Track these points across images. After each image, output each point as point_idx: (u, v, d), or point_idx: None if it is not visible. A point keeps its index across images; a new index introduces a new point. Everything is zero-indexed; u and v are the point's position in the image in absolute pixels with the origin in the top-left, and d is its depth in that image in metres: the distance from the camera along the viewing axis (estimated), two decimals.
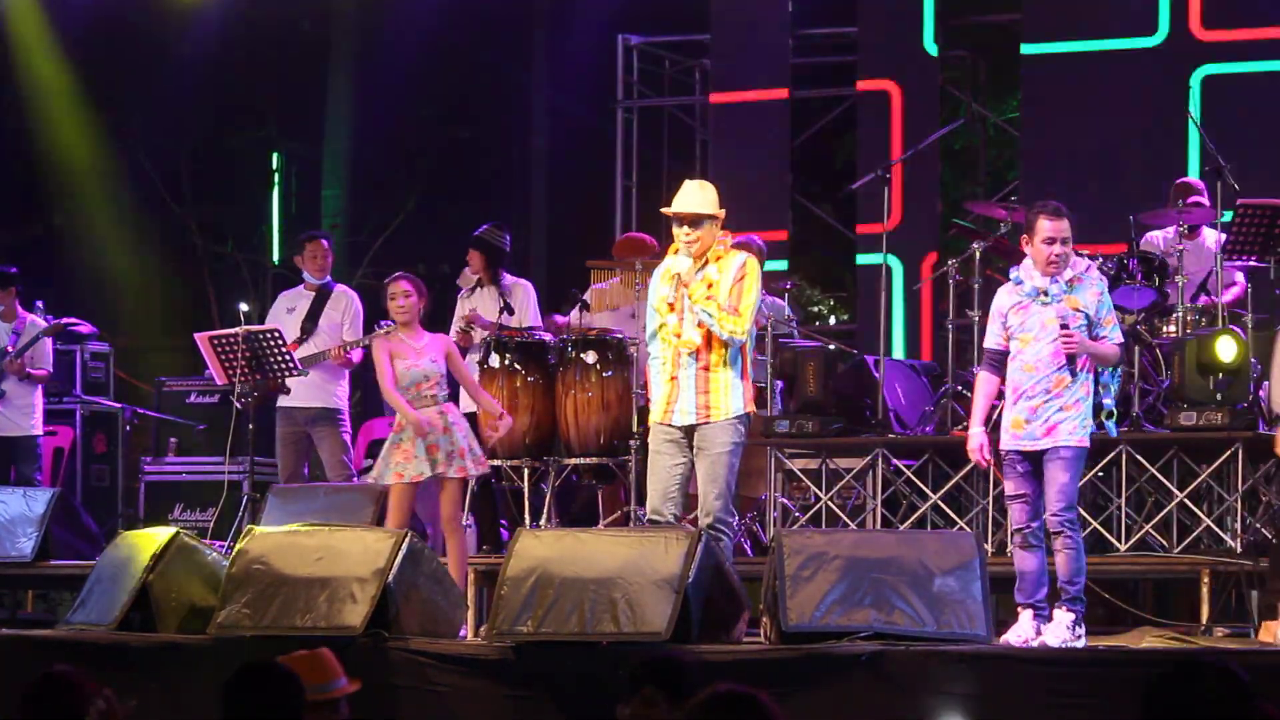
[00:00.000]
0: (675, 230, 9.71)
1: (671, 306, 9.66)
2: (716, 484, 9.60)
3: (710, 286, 9.61)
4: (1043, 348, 9.48)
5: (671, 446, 9.65)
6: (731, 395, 9.65)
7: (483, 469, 11.08)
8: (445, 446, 10.81)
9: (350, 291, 13.27)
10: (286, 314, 13.13)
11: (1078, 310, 9.49)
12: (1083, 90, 14.69)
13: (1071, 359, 9.42)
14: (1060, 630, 9.38)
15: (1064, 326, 9.42)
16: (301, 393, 12.78)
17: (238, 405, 12.57)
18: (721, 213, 9.76)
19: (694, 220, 9.65)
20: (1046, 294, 9.50)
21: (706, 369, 9.62)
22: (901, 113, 15.57)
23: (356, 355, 12.81)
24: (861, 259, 15.66)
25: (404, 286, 11.07)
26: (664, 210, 9.85)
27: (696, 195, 9.73)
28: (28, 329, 13.75)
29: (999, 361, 9.65)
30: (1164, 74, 14.37)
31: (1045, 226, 9.54)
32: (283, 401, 12.84)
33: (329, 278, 13.22)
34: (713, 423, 9.61)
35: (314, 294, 13.12)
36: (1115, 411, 9.83)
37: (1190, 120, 12.65)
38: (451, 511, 10.83)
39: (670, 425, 9.64)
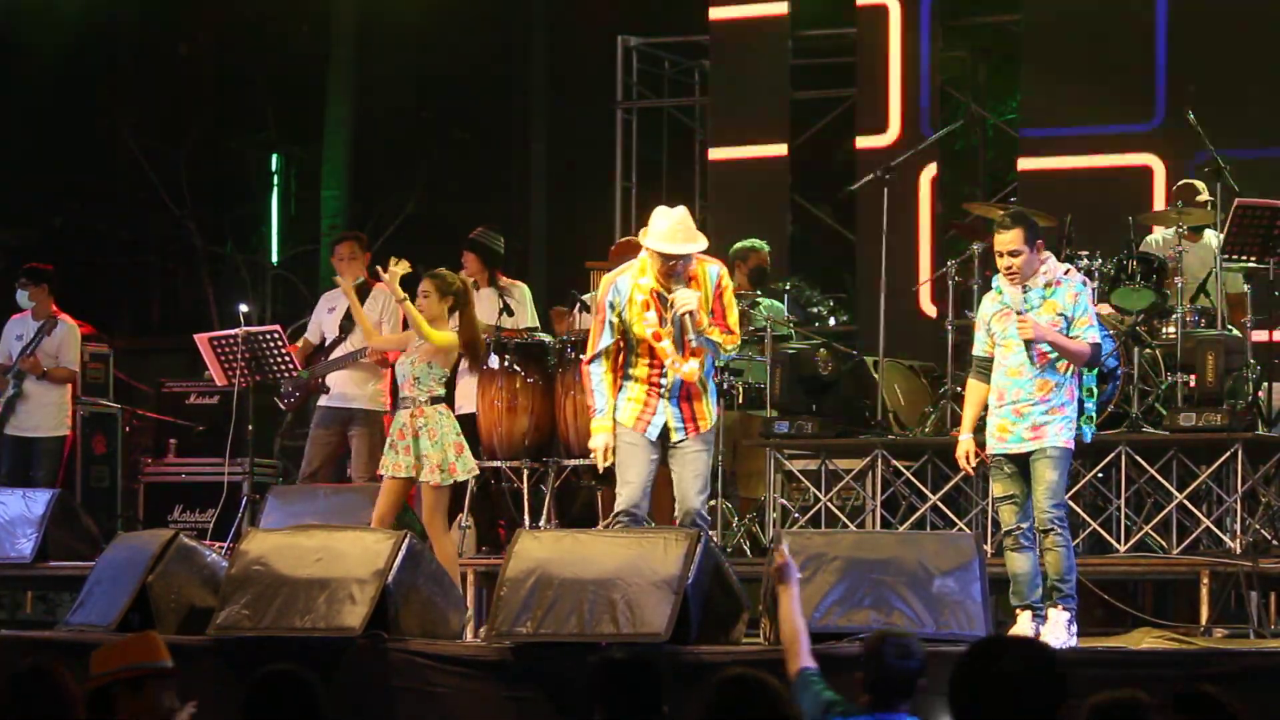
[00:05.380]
0: (659, 262, 9.53)
1: (658, 335, 9.59)
2: (703, 480, 9.66)
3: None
4: (1026, 353, 9.53)
5: (648, 445, 9.63)
6: (712, 402, 9.77)
7: (453, 477, 10.88)
8: (415, 450, 10.77)
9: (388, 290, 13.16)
10: (327, 314, 13.09)
11: (1059, 313, 9.53)
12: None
13: (1029, 345, 9.46)
14: (1059, 630, 9.38)
15: (1019, 312, 9.49)
16: (341, 393, 12.72)
17: (281, 406, 12.53)
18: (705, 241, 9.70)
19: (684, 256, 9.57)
20: (1026, 300, 9.54)
21: (693, 384, 9.62)
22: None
23: (392, 353, 12.74)
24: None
25: (422, 285, 11.06)
26: (650, 247, 9.54)
27: (683, 232, 9.54)
28: (58, 328, 13.72)
29: (986, 368, 9.69)
30: None
31: (995, 241, 9.69)
32: (324, 401, 12.80)
33: (365, 276, 13.13)
34: (702, 433, 9.67)
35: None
36: (1094, 416, 9.86)
37: (1190, 122, 12.62)
38: (428, 516, 10.80)
39: (647, 436, 9.63)
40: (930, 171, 15.55)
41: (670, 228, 9.53)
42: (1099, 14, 14.69)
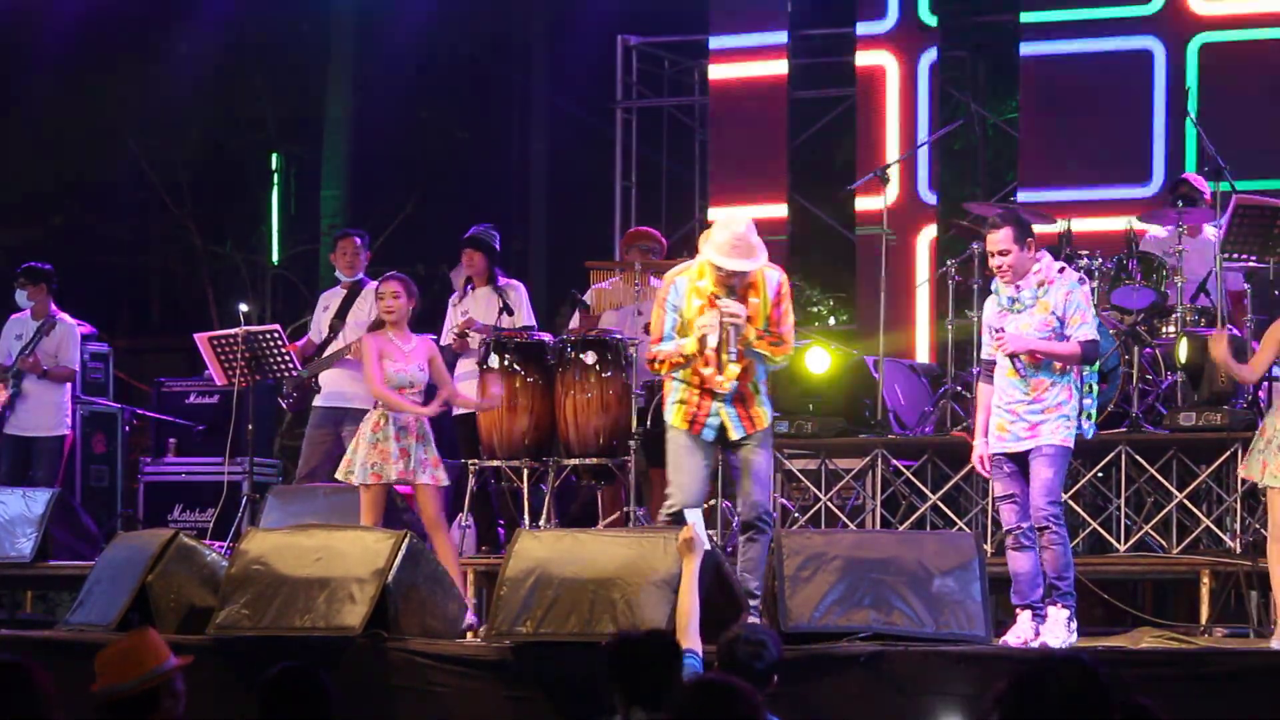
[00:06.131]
0: (718, 273, 9.35)
1: (703, 341, 9.45)
2: (768, 477, 9.61)
3: (751, 317, 9.46)
4: (1011, 365, 9.55)
5: (703, 448, 9.52)
6: (766, 403, 9.63)
7: (445, 482, 11.00)
8: (417, 454, 10.77)
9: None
10: (323, 312, 13.13)
11: (1051, 313, 9.54)
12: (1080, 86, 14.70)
13: (1014, 359, 9.49)
14: (1059, 629, 9.39)
15: (996, 330, 9.51)
16: (335, 392, 12.73)
17: (284, 405, 12.50)
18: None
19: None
20: (1018, 301, 9.56)
21: (745, 387, 9.53)
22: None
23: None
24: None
25: (392, 287, 11.02)
26: (708, 260, 9.33)
27: (743, 248, 9.31)
28: (57, 327, 13.71)
29: (994, 371, 9.70)
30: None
31: (987, 241, 9.72)
32: (318, 401, 12.82)
33: (362, 275, 13.15)
34: (759, 430, 9.57)
35: (347, 291, 13.10)
36: (1094, 414, 9.86)
37: (1190, 121, 12.63)
38: (434, 514, 10.79)
39: (702, 439, 9.54)
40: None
41: (729, 241, 9.32)
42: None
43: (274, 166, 22.72)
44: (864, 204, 15.33)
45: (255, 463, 12.76)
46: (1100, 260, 11.78)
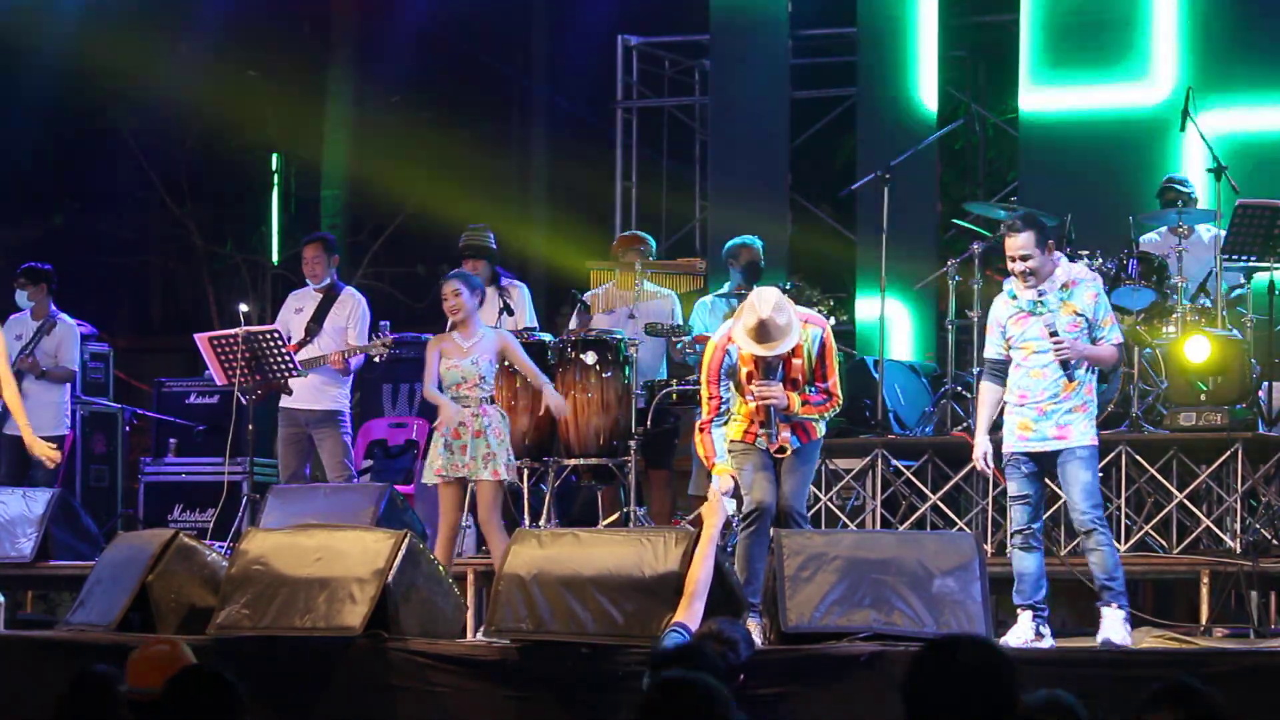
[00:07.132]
0: (753, 354, 9.43)
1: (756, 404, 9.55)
2: (806, 484, 9.76)
3: (798, 383, 9.53)
4: (1050, 354, 9.48)
5: (759, 451, 9.59)
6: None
7: (511, 475, 11.00)
8: (475, 450, 10.74)
9: (357, 294, 13.16)
10: (294, 314, 13.09)
11: (1077, 314, 9.48)
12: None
13: (1065, 364, 9.42)
14: (1116, 628, 9.31)
15: (1053, 334, 9.44)
16: (303, 394, 12.75)
17: (243, 400, 12.56)
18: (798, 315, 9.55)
19: None
20: (1043, 303, 9.49)
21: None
22: None
23: (355, 362, 12.76)
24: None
25: (453, 286, 10.97)
26: (748, 349, 9.38)
27: (773, 330, 9.34)
28: (57, 327, 13.71)
29: (1000, 371, 9.66)
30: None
31: (1006, 246, 9.61)
32: (285, 403, 12.81)
33: (330, 279, 13.12)
34: (812, 440, 9.70)
35: (321, 295, 13.07)
36: (1098, 414, 9.86)
37: (1189, 120, 12.62)
38: (486, 514, 10.77)
39: (756, 446, 9.60)
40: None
41: (755, 327, 9.36)
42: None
43: (274, 166, 22.73)
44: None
45: (255, 463, 12.77)
46: (1100, 260, 11.77)
